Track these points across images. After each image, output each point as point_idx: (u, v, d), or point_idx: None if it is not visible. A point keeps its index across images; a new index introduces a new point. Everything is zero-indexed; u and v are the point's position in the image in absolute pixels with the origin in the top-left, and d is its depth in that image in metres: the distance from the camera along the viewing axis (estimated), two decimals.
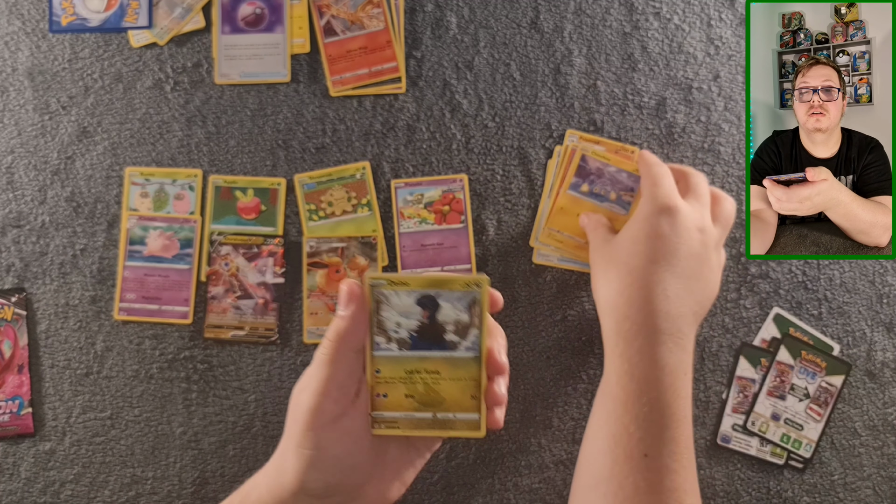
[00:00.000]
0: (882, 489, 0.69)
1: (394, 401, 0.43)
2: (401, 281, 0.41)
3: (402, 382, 0.43)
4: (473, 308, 0.42)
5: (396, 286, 0.41)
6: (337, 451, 0.42)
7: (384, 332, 0.42)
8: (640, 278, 0.56)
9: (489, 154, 0.72)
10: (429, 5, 0.72)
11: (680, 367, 0.54)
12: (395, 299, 0.42)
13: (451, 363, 0.43)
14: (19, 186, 0.72)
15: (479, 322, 0.42)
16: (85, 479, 0.70)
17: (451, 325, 0.42)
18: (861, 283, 0.71)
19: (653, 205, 0.58)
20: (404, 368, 0.43)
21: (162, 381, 0.70)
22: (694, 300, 0.57)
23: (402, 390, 0.43)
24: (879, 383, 0.70)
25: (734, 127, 0.72)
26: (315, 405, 0.42)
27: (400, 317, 0.42)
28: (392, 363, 0.43)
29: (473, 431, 0.43)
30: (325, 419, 0.42)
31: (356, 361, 0.43)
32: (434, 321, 0.42)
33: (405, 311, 0.42)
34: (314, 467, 0.42)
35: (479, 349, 0.42)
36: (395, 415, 0.44)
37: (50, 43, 0.72)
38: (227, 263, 0.71)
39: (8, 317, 0.70)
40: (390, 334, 0.42)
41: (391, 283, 0.41)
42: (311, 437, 0.42)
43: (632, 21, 0.72)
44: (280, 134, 0.72)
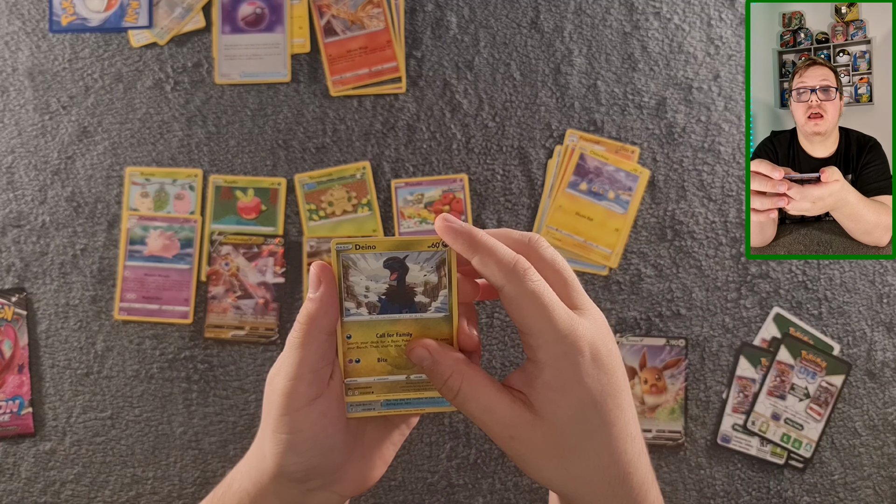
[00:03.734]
0: (882, 489, 0.69)
1: (367, 366, 0.43)
2: (367, 244, 0.41)
3: (373, 347, 0.43)
4: (441, 268, 0.42)
5: (363, 250, 0.41)
6: (314, 434, 0.42)
7: (354, 297, 0.42)
8: (609, 454, 0.42)
9: (489, 154, 0.72)
10: (429, 5, 0.72)
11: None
12: (362, 263, 0.41)
13: (422, 324, 0.42)
14: (19, 186, 0.72)
15: (449, 282, 0.42)
16: (85, 478, 0.70)
17: (420, 286, 0.42)
18: (861, 283, 0.71)
19: (569, 353, 0.39)
20: (375, 332, 0.42)
21: (162, 381, 0.70)
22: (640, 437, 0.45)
23: (375, 354, 0.43)
24: (879, 383, 0.70)
25: (734, 127, 0.72)
26: (289, 389, 0.42)
27: (368, 280, 0.41)
28: (363, 328, 0.42)
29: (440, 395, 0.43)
30: (300, 402, 0.42)
31: (328, 344, 0.42)
32: (403, 283, 0.42)
33: (373, 274, 0.41)
34: (292, 451, 0.42)
35: (449, 309, 0.42)
36: (369, 380, 0.43)
37: (50, 43, 0.72)
38: (228, 263, 0.71)
39: (8, 317, 0.70)
40: (360, 299, 0.42)
41: (358, 248, 0.41)
42: (287, 420, 0.42)
43: (632, 21, 0.72)
44: (280, 134, 0.72)
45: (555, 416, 0.40)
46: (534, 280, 0.39)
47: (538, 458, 0.41)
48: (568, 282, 0.41)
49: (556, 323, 0.38)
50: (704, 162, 0.72)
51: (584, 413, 0.40)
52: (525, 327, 0.38)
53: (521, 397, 0.40)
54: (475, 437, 0.70)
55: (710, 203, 0.71)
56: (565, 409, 0.40)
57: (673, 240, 0.71)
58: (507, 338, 0.70)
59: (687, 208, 0.71)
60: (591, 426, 0.40)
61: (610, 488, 0.42)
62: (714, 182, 0.71)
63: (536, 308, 0.38)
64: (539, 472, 0.41)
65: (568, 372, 0.39)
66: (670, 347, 0.70)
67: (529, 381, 0.40)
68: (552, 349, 0.39)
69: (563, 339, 0.38)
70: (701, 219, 0.71)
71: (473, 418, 0.40)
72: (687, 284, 0.71)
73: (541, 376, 0.39)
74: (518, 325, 0.39)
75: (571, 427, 0.40)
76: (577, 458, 0.41)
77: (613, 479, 0.42)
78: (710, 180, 0.71)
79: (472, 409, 0.40)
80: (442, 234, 0.40)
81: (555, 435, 0.40)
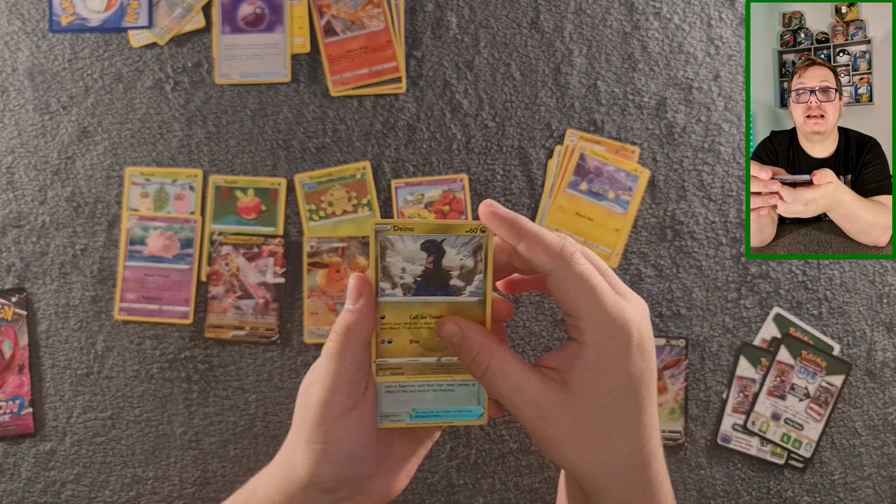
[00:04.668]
0: (882, 489, 0.70)
1: (399, 347, 0.43)
2: (406, 226, 0.40)
3: (406, 328, 0.43)
4: (478, 254, 0.41)
5: (401, 231, 0.40)
6: (348, 444, 0.42)
7: (389, 278, 0.42)
8: (636, 437, 0.42)
9: (489, 154, 0.72)
10: (429, 5, 0.72)
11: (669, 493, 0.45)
12: (399, 245, 0.41)
13: (455, 308, 0.42)
14: (19, 186, 0.72)
15: (485, 267, 0.42)
16: (85, 479, 0.70)
17: (456, 270, 0.42)
18: (861, 283, 0.71)
19: (617, 338, 0.39)
20: (409, 314, 0.42)
21: (162, 381, 0.70)
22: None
23: (407, 336, 0.43)
24: (879, 383, 0.70)
25: (734, 127, 0.72)
26: (325, 399, 0.42)
27: (405, 262, 0.41)
28: (397, 309, 0.42)
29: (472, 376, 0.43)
30: (336, 413, 0.42)
31: (365, 354, 0.43)
32: (439, 266, 0.42)
33: (410, 256, 0.41)
34: (326, 461, 0.42)
35: (483, 294, 0.42)
36: (400, 361, 0.43)
37: (50, 43, 0.72)
38: (228, 263, 0.71)
39: (8, 317, 0.70)
40: (395, 280, 0.42)
41: (396, 229, 0.40)
42: (322, 431, 0.42)
43: (632, 21, 0.72)
44: (280, 134, 0.72)
45: (591, 397, 0.39)
46: (581, 263, 0.39)
47: (565, 440, 0.40)
48: (605, 270, 0.41)
49: (605, 305, 0.38)
50: (704, 162, 0.72)
51: (620, 398, 0.40)
52: (573, 310, 0.38)
53: (555, 376, 0.40)
54: (475, 437, 0.70)
55: (710, 203, 0.71)
56: (603, 392, 0.39)
57: (673, 240, 0.71)
58: (509, 337, 0.70)
59: (687, 208, 0.71)
60: (625, 412, 0.40)
61: (631, 476, 0.42)
62: (714, 182, 0.71)
63: (585, 290, 0.38)
64: (563, 454, 0.41)
65: (613, 355, 0.39)
66: (670, 347, 0.70)
67: (569, 360, 0.40)
68: (600, 331, 0.38)
69: (611, 322, 0.38)
70: (701, 219, 0.71)
71: (502, 398, 0.40)
72: (687, 284, 0.71)
73: (583, 357, 0.39)
74: (565, 308, 0.39)
75: (606, 411, 0.40)
76: (605, 443, 0.40)
77: (635, 467, 0.41)
78: (710, 180, 0.71)
79: (500, 388, 0.40)
80: (486, 221, 0.40)
81: (586, 417, 0.40)
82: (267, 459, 0.70)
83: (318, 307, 0.70)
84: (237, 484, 0.69)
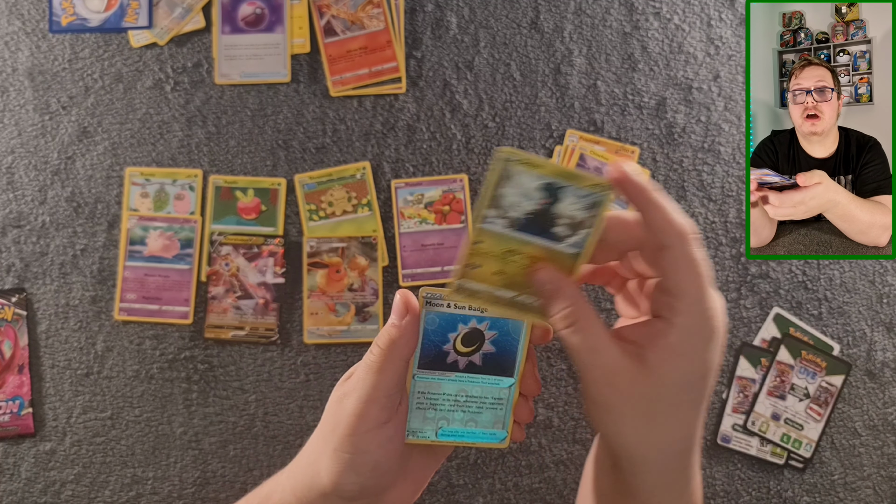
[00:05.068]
0: (882, 489, 0.70)
1: (483, 273, 0.42)
2: (534, 163, 0.39)
3: (496, 259, 0.42)
4: (592, 209, 0.40)
5: (527, 166, 0.39)
6: (376, 457, 0.43)
7: (499, 208, 0.40)
8: (688, 427, 0.43)
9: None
10: (429, 5, 0.72)
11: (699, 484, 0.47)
12: (520, 179, 0.40)
13: (550, 254, 0.41)
14: (19, 186, 0.72)
15: (594, 224, 0.40)
16: (85, 479, 0.70)
17: (566, 219, 0.41)
18: (861, 283, 0.71)
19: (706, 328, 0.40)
20: (505, 247, 0.41)
21: (162, 381, 0.70)
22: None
23: (494, 266, 0.42)
24: (879, 383, 0.70)
25: (734, 127, 0.72)
26: (361, 411, 0.42)
27: (520, 197, 0.40)
28: (495, 238, 0.41)
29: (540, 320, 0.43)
30: (370, 426, 0.42)
31: (403, 370, 0.43)
32: (549, 211, 0.41)
33: (526, 193, 0.40)
34: (352, 471, 0.43)
35: (583, 248, 0.41)
36: (480, 287, 0.43)
37: (50, 43, 0.72)
38: (228, 263, 0.71)
39: (8, 317, 0.70)
40: (503, 211, 0.40)
41: (523, 162, 0.39)
42: (353, 441, 0.42)
43: (632, 21, 0.72)
44: (280, 134, 0.72)
45: (665, 377, 0.40)
46: (698, 248, 0.39)
47: (625, 412, 0.40)
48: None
49: (706, 295, 0.39)
50: (704, 162, 0.72)
51: (691, 384, 0.40)
52: (675, 289, 0.39)
53: (632, 350, 0.40)
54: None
55: (710, 203, 0.71)
56: (677, 375, 0.40)
57: None
58: None
59: (687, 208, 0.71)
60: (690, 398, 0.41)
61: (674, 460, 0.42)
62: (714, 182, 0.71)
63: (694, 276, 0.38)
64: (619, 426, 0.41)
65: (698, 343, 0.39)
66: None
67: (652, 337, 0.40)
68: (694, 318, 0.39)
69: (705, 311, 0.39)
70: (701, 219, 0.71)
71: (577, 355, 0.40)
72: None
73: (668, 337, 0.39)
74: (668, 285, 0.39)
75: (674, 394, 0.40)
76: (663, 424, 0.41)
77: (681, 452, 0.42)
78: (710, 180, 0.71)
79: (579, 345, 0.40)
80: (617, 184, 0.39)
81: (654, 395, 0.40)
82: (267, 459, 0.70)
83: (317, 307, 0.70)
84: (237, 484, 0.69)
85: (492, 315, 0.44)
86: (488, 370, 0.45)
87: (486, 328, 0.44)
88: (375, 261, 0.70)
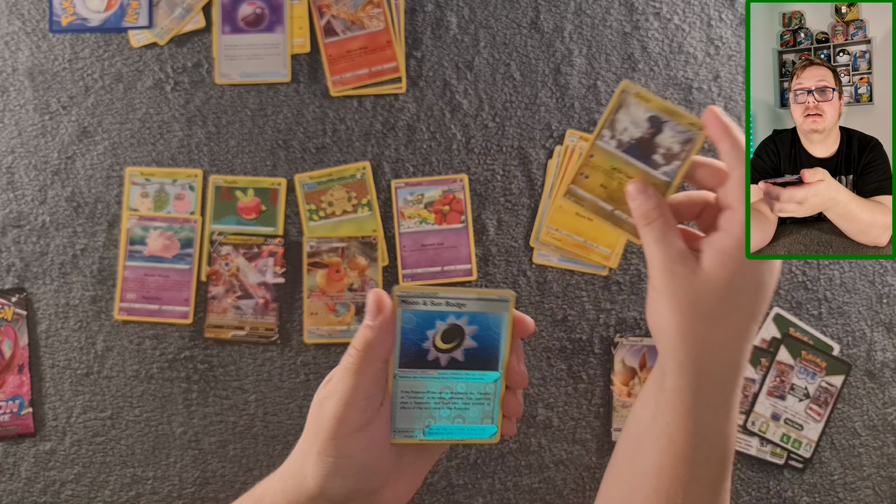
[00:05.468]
0: (882, 489, 0.69)
1: (591, 183, 0.49)
2: (645, 96, 0.49)
3: (603, 173, 0.49)
4: (686, 144, 0.50)
5: (640, 98, 0.49)
6: (360, 460, 0.43)
7: (613, 130, 0.49)
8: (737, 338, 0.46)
9: (489, 154, 0.72)
10: (429, 5, 0.72)
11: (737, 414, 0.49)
12: (633, 108, 0.49)
13: (647, 177, 0.49)
14: (19, 186, 0.72)
15: (685, 157, 0.49)
16: (85, 478, 0.70)
17: (663, 149, 0.50)
18: (861, 283, 0.71)
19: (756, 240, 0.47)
20: (612, 164, 0.49)
21: (162, 381, 0.70)
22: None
23: (601, 179, 0.50)
24: (879, 383, 0.70)
25: None
26: (341, 414, 0.42)
27: (630, 124, 0.49)
28: (606, 155, 0.49)
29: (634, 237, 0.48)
30: (351, 428, 0.42)
31: (382, 371, 0.43)
32: (652, 140, 0.50)
33: (636, 120, 0.49)
34: (337, 474, 0.42)
35: (672, 178, 0.50)
36: (586, 195, 0.50)
37: (50, 43, 0.72)
38: (228, 263, 0.71)
39: (8, 317, 0.70)
40: (616, 133, 0.49)
41: (637, 95, 0.49)
42: (336, 445, 0.42)
43: (632, 21, 0.72)
44: (280, 134, 0.72)
45: (716, 275, 0.45)
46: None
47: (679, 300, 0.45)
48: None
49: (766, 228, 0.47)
50: None
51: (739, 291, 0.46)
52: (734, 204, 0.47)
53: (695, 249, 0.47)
54: None
55: None
56: (728, 276, 0.45)
57: None
58: None
59: None
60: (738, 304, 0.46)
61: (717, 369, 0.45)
62: None
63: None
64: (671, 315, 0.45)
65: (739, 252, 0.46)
66: None
67: (711, 242, 0.46)
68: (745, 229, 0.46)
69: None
70: None
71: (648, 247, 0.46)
72: None
73: (723, 242, 0.46)
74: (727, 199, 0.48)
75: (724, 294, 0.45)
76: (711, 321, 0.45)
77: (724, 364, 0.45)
78: None
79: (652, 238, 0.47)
80: (710, 122, 0.48)
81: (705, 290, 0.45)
82: (266, 459, 0.70)
83: (317, 307, 0.70)
84: (237, 484, 0.69)
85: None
86: (472, 365, 0.45)
87: (466, 323, 0.45)
88: (375, 261, 0.70)
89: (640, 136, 0.50)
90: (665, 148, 0.51)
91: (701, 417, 0.46)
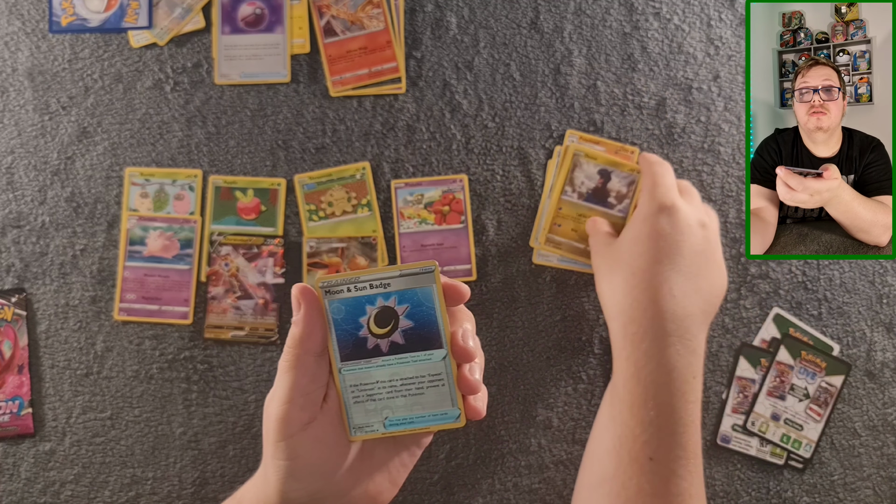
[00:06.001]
0: (882, 489, 0.69)
1: (564, 230, 0.66)
2: (592, 155, 0.66)
3: (572, 220, 0.66)
4: (631, 185, 0.66)
5: (589, 159, 0.65)
6: (312, 460, 0.42)
7: (572, 185, 0.66)
8: (645, 279, 0.55)
9: (489, 154, 0.72)
10: (429, 5, 0.72)
11: (688, 370, 0.54)
12: (585, 166, 0.65)
13: (606, 215, 0.66)
14: (19, 187, 0.72)
15: (633, 195, 0.65)
16: (85, 479, 0.70)
17: (615, 192, 0.66)
18: (861, 283, 0.71)
19: (652, 204, 0.59)
20: (577, 211, 0.66)
21: (162, 382, 0.70)
22: (702, 298, 0.57)
23: (571, 225, 0.66)
24: (879, 383, 0.70)
25: (734, 127, 0.72)
26: (282, 414, 0.41)
27: (585, 178, 0.66)
28: (571, 206, 0.66)
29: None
30: (294, 428, 0.41)
31: (317, 366, 0.42)
32: (604, 187, 0.66)
33: (589, 175, 0.66)
34: (291, 477, 0.42)
35: (626, 213, 0.66)
36: (562, 240, 0.66)
37: (50, 43, 0.72)
38: (228, 264, 0.71)
39: (8, 317, 0.70)
40: (576, 187, 0.66)
41: (587, 156, 0.65)
42: (283, 447, 0.41)
43: (632, 21, 0.72)
44: (280, 134, 0.72)
45: (622, 238, 0.60)
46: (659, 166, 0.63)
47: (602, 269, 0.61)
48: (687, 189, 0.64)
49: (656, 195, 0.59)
50: (704, 162, 0.72)
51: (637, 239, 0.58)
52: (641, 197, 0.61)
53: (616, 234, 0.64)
54: (474, 436, 0.70)
55: (710, 203, 0.71)
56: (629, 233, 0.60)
57: None
58: (506, 339, 0.70)
59: None
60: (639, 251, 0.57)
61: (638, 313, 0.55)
62: (714, 182, 0.71)
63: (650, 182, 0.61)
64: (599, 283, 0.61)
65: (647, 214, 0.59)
66: None
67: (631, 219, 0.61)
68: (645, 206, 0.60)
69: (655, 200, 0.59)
70: None
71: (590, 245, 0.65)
72: None
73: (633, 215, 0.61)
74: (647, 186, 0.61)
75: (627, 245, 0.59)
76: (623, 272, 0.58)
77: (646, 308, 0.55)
78: (710, 181, 0.71)
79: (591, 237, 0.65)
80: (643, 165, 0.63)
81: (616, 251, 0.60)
82: None
83: None
84: (237, 484, 0.69)
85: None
86: (414, 346, 0.43)
87: (396, 303, 0.42)
88: (375, 261, 0.70)
89: (594, 187, 0.66)
90: (616, 191, 0.66)
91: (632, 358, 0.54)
